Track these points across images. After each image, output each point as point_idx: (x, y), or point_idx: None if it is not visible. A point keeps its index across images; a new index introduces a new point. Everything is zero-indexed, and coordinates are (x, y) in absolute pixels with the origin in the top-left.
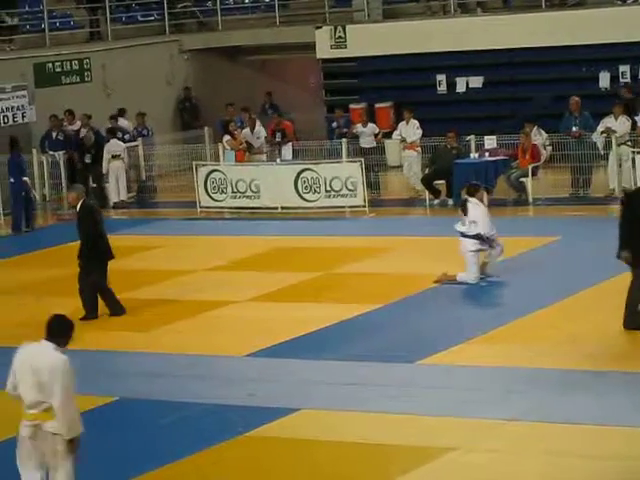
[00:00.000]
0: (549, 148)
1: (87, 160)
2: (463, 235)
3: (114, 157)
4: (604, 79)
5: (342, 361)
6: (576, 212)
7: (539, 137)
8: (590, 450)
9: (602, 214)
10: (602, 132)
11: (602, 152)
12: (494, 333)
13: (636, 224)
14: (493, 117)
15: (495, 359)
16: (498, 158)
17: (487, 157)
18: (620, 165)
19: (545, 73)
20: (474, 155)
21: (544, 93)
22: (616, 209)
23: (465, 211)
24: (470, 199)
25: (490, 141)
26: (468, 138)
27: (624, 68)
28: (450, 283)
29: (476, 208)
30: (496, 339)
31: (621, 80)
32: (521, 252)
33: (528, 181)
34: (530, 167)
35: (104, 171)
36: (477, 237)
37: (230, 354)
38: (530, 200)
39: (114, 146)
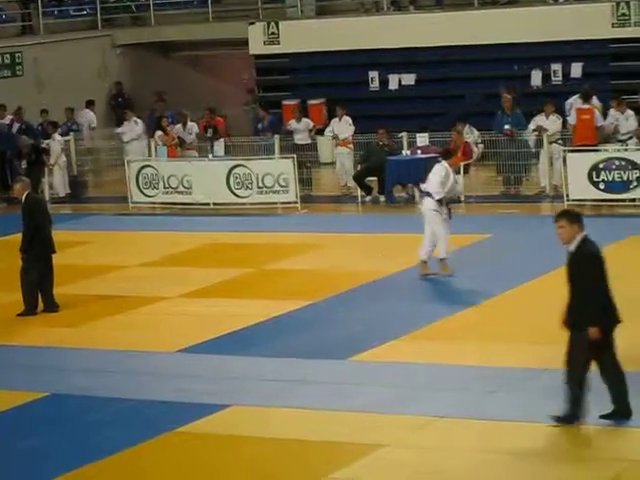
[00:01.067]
0: (481, 146)
1: (24, 166)
2: (427, 194)
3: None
4: (536, 77)
5: (273, 357)
6: (508, 210)
7: (471, 135)
8: (517, 447)
9: (533, 212)
10: (534, 130)
11: (533, 150)
12: (425, 330)
13: None
14: (425, 114)
15: (425, 356)
16: (430, 155)
17: (419, 154)
18: (551, 164)
19: (477, 71)
20: (406, 152)
21: (476, 91)
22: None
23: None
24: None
25: (422, 138)
26: (400, 135)
27: (556, 66)
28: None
29: (442, 170)
30: (427, 336)
31: (553, 78)
32: (453, 250)
33: (460, 179)
34: (462, 165)
35: (52, 162)
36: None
37: (161, 350)
38: (462, 198)
39: (58, 141)
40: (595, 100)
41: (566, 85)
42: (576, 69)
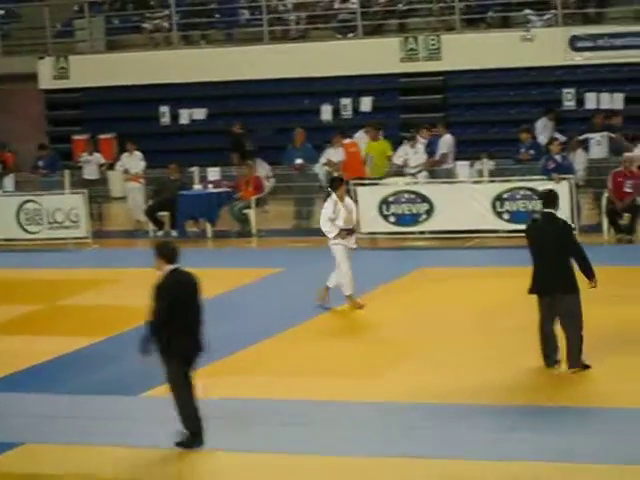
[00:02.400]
0: (272, 180)
1: None
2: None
3: None
4: (326, 112)
5: (65, 394)
6: (299, 243)
7: (262, 169)
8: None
9: (325, 246)
10: (324, 164)
11: (324, 184)
12: (220, 364)
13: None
14: (217, 149)
15: (220, 390)
16: (222, 190)
17: (211, 189)
18: None
19: (268, 105)
20: (198, 186)
21: (267, 125)
22: None
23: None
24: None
25: (214, 173)
26: (192, 169)
27: (345, 101)
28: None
29: (330, 203)
30: (222, 370)
31: (343, 112)
32: (245, 284)
33: (251, 213)
34: (253, 199)
35: None
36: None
37: None
38: (254, 232)
39: None
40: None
41: (356, 119)
42: (366, 103)
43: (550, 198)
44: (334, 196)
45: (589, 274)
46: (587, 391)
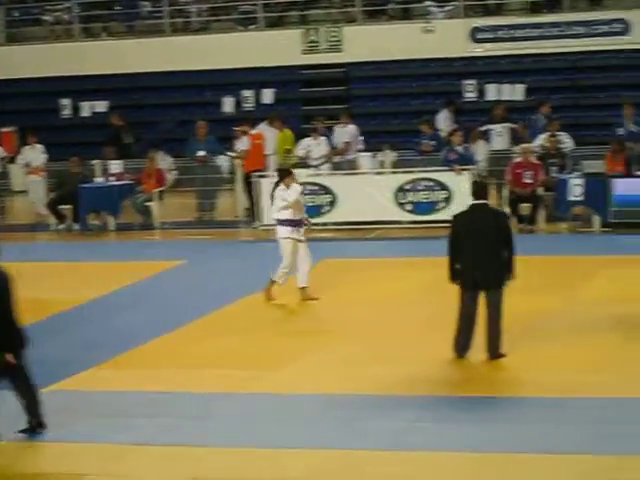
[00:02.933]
0: (174, 172)
1: None
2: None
3: None
4: (228, 104)
5: None
6: (202, 236)
7: (164, 161)
8: (228, 474)
9: (228, 238)
10: (231, 154)
11: (228, 176)
12: (124, 357)
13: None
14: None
15: (123, 383)
16: (124, 182)
17: (113, 181)
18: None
19: (170, 97)
20: (99, 179)
21: (169, 117)
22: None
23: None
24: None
25: (116, 165)
26: (93, 162)
27: (247, 93)
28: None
29: (284, 192)
30: (127, 363)
31: (244, 105)
32: (148, 276)
33: (154, 205)
34: (155, 191)
35: None
36: (285, 222)
37: None
38: (156, 224)
39: None
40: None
41: (258, 111)
42: (267, 95)
43: (481, 189)
44: (283, 186)
45: (511, 268)
46: (498, 381)
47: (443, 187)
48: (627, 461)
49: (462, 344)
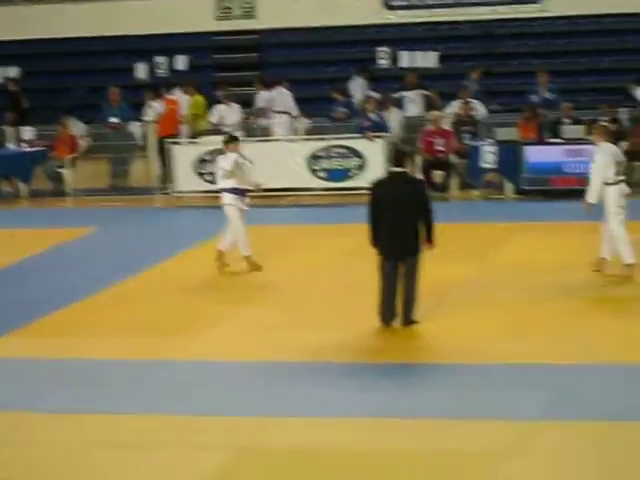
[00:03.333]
0: (87, 139)
1: None
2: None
3: None
4: (141, 70)
5: None
6: (115, 202)
7: (77, 128)
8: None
9: (141, 204)
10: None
11: (141, 143)
12: (38, 324)
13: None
14: (32, 108)
15: (37, 349)
16: (36, 149)
17: (25, 148)
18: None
19: (82, 64)
20: (11, 146)
21: (81, 84)
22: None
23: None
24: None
25: (28, 132)
26: (4, 128)
27: (160, 59)
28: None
29: (227, 160)
30: (41, 330)
31: (157, 71)
32: (58, 243)
33: (66, 172)
34: (68, 158)
35: None
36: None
37: None
38: (68, 191)
39: None
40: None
41: (171, 77)
42: (181, 62)
43: (400, 156)
44: (230, 154)
45: (431, 237)
46: (417, 348)
47: (356, 154)
48: (540, 427)
49: (386, 312)
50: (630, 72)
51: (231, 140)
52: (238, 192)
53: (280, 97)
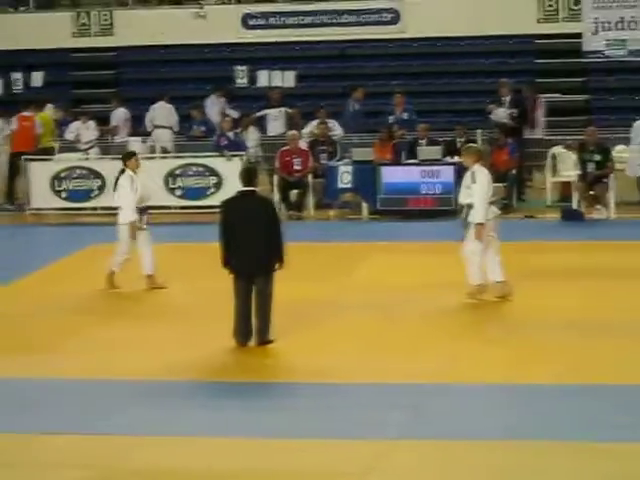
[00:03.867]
0: None
1: None
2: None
3: None
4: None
5: None
6: None
7: None
8: None
9: None
10: None
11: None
12: None
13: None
14: None
15: None
16: None
17: None
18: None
19: None
20: None
21: None
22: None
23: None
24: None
25: None
26: None
27: (16, 75)
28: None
29: (126, 179)
30: None
31: (13, 87)
32: None
33: None
34: None
35: None
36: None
37: None
38: None
39: None
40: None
41: (28, 94)
42: (37, 78)
43: (250, 175)
44: (129, 171)
45: (281, 256)
46: (272, 367)
47: (213, 173)
48: (394, 446)
49: (241, 332)
50: (486, 94)
51: (129, 156)
52: (138, 210)
53: (161, 111)
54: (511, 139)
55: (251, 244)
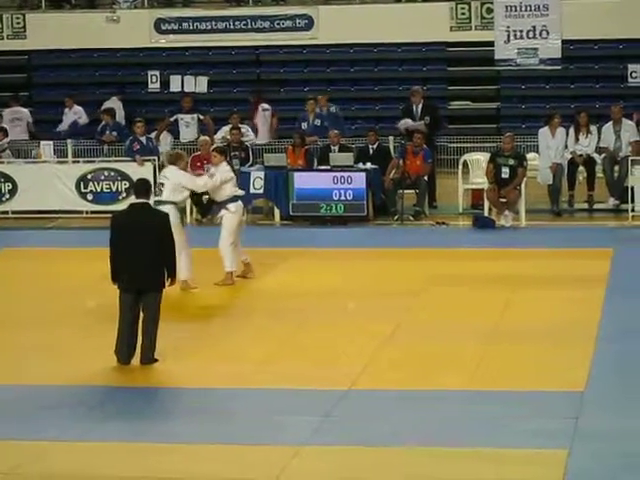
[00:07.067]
0: None
1: None
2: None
3: None
4: None
5: None
6: None
7: None
8: None
9: None
10: None
11: None
12: None
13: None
14: None
15: None
16: None
17: None
18: None
19: None
20: None
21: None
22: None
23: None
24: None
25: None
26: None
27: None
28: None
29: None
30: None
31: None
32: None
33: None
34: None
35: None
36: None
37: None
38: None
39: None
40: None
41: None
42: None
43: (143, 187)
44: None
45: (172, 272)
46: (182, 372)
47: (125, 177)
48: (302, 452)
49: (124, 350)
50: (398, 101)
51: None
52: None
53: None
54: (425, 146)
55: (139, 258)
